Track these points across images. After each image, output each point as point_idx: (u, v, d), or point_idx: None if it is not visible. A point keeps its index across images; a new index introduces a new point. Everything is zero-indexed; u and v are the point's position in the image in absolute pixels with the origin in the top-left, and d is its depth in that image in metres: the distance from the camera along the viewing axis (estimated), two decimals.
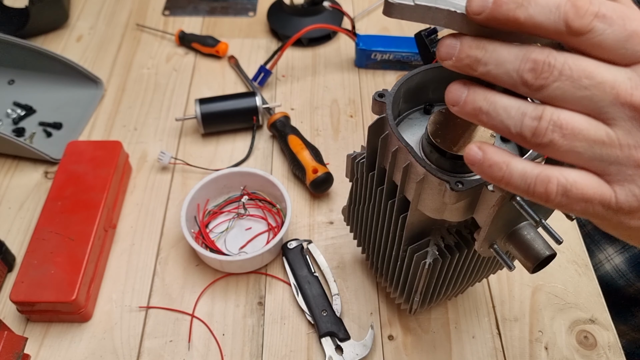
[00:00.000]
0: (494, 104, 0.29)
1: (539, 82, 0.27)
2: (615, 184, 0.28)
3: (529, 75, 0.27)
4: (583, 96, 0.27)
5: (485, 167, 0.30)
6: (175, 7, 0.97)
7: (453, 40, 0.30)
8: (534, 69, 0.27)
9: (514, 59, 0.28)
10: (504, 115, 0.29)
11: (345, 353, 0.57)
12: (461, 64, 0.29)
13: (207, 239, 0.65)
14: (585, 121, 0.27)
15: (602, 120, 0.28)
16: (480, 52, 0.29)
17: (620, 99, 0.27)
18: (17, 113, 0.80)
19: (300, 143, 0.71)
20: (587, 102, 0.27)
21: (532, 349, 0.58)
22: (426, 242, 0.49)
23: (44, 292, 0.57)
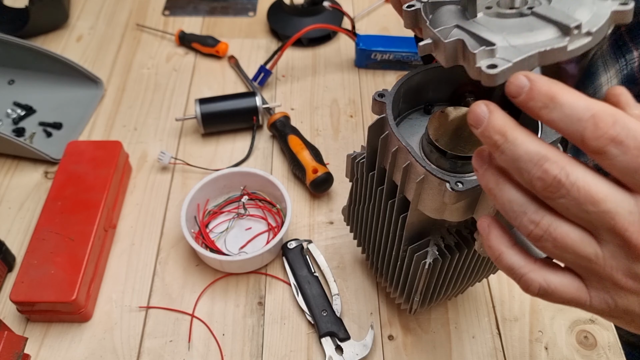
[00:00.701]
0: (502, 191, 0.31)
1: (546, 194, 0.29)
2: (592, 289, 0.31)
3: (538, 183, 0.29)
4: (583, 217, 0.29)
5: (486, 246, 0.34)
6: (175, 7, 0.97)
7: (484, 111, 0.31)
8: (544, 180, 0.29)
9: (528, 159, 0.29)
10: (508, 207, 0.31)
11: (345, 353, 0.57)
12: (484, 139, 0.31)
13: (207, 239, 0.65)
14: (579, 237, 0.30)
15: (595, 237, 0.30)
16: (500, 138, 0.30)
17: (616, 230, 0.29)
18: (17, 113, 0.80)
19: (300, 143, 0.71)
20: (585, 222, 0.29)
21: (532, 349, 0.58)
22: (426, 242, 0.49)
23: (44, 292, 0.57)
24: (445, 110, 0.43)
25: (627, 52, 0.72)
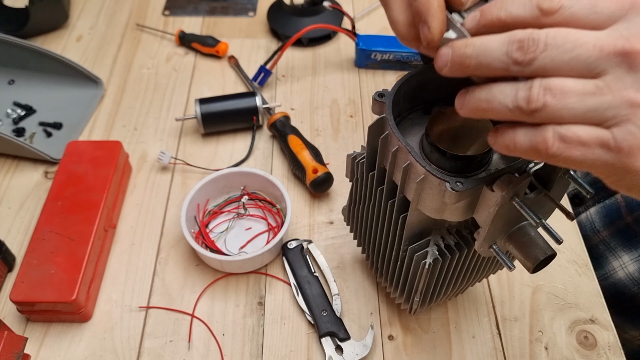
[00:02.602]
0: (490, 88, 0.32)
1: (528, 56, 0.30)
2: (612, 127, 0.29)
3: (517, 54, 0.30)
4: (571, 58, 0.29)
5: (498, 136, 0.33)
6: (175, 7, 0.97)
7: (445, 48, 0.33)
8: (521, 47, 0.30)
9: (500, 44, 0.31)
10: (501, 96, 0.31)
11: (345, 353, 0.57)
12: (455, 66, 0.33)
13: (207, 239, 0.65)
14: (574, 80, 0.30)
15: (592, 77, 0.29)
16: (468, 49, 0.32)
17: (605, 51, 0.29)
18: (17, 113, 0.80)
19: (300, 143, 0.71)
20: (575, 62, 0.29)
21: (532, 349, 0.58)
22: (426, 242, 0.49)
23: (44, 292, 0.57)
24: (445, 110, 0.43)
25: None
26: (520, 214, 0.39)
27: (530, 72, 0.30)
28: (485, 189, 0.39)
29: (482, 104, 0.32)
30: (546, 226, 0.40)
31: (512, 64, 0.30)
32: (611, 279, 0.71)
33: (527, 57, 0.30)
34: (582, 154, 0.30)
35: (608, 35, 0.29)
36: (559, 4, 0.30)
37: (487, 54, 0.31)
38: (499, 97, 0.31)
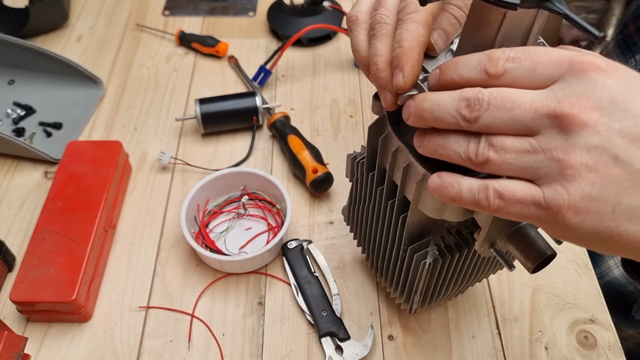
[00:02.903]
0: (447, 137, 0.35)
1: (474, 114, 0.33)
2: (543, 185, 0.31)
3: (465, 111, 0.33)
4: (510, 117, 0.32)
5: (443, 188, 0.36)
6: (175, 7, 0.97)
7: (410, 101, 0.37)
8: (468, 105, 0.33)
9: (451, 101, 0.34)
10: (455, 145, 0.34)
11: (345, 353, 0.57)
12: (417, 118, 0.36)
13: (207, 239, 0.65)
14: (513, 138, 0.32)
15: (529, 135, 0.32)
16: (425, 103, 0.35)
17: (539, 112, 0.31)
18: (17, 113, 0.80)
19: (300, 143, 0.71)
20: (513, 122, 0.32)
21: (532, 349, 0.58)
22: (426, 242, 0.49)
23: (44, 292, 0.57)
24: None
25: (638, 52, 0.71)
26: None
27: (476, 128, 0.33)
28: None
29: (439, 149, 0.35)
30: None
31: (461, 119, 0.33)
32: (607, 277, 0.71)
33: (473, 115, 0.33)
34: (519, 210, 0.32)
35: (544, 97, 0.31)
36: (503, 68, 0.33)
37: (440, 109, 0.34)
38: (453, 146, 0.34)
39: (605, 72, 0.31)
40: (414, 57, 0.37)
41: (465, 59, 0.34)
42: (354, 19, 0.42)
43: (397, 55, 0.37)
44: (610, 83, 0.30)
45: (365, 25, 0.41)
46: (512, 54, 0.33)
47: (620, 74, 0.31)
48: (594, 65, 0.31)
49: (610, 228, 0.31)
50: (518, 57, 0.33)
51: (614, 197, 0.30)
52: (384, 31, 0.39)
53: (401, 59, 0.37)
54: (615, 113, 0.30)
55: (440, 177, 0.36)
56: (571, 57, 0.31)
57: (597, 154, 0.30)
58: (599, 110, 0.30)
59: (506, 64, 0.33)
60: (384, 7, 0.39)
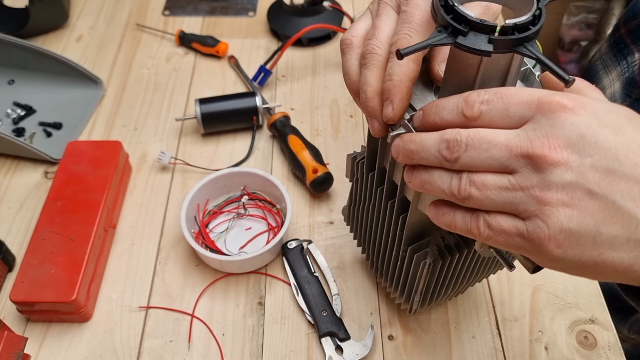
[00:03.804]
0: (432, 174, 0.37)
1: (454, 155, 0.35)
2: (526, 219, 0.33)
3: (446, 152, 0.35)
4: (487, 157, 0.34)
5: (440, 215, 0.38)
6: (175, 7, 0.97)
7: (397, 140, 0.39)
8: (448, 147, 0.35)
9: (434, 143, 0.36)
10: (439, 181, 0.36)
11: (345, 353, 0.57)
12: (405, 157, 0.38)
13: (207, 239, 0.65)
14: (493, 175, 0.34)
15: (506, 172, 0.34)
16: (412, 145, 0.37)
17: (513, 152, 0.33)
18: (17, 113, 0.80)
19: (300, 143, 0.71)
20: (490, 161, 0.34)
21: (532, 349, 0.58)
22: (426, 242, 0.49)
23: (44, 292, 0.57)
24: None
25: (629, 54, 0.72)
26: None
27: (457, 167, 0.35)
28: None
29: (426, 185, 0.38)
30: None
31: (443, 160, 0.35)
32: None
33: (453, 156, 0.35)
34: (506, 240, 0.34)
35: (517, 137, 0.33)
36: (478, 111, 0.35)
37: (424, 150, 0.36)
38: (438, 182, 0.36)
39: (572, 111, 0.32)
40: (404, 91, 0.39)
41: (445, 103, 0.36)
42: (348, 43, 0.43)
43: (387, 87, 0.39)
44: (578, 120, 0.32)
45: (358, 51, 0.43)
46: (486, 97, 0.35)
47: (588, 109, 0.32)
48: (560, 105, 0.32)
49: (593, 257, 0.32)
50: (492, 100, 0.34)
51: (593, 229, 0.32)
52: (374, 62, 0.40)
53: (391, 92, 0.39)
54: (585, 148, 0.31)
55: (436, 205, 0.39)
56: (539, 98, 0.33)
57: (571, 190, 0.32)
58: (570, 148, 0.32)
59: (481, 107, 0.35)
60: (377, 38, 0.41)
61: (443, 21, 0.34)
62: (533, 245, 0.33)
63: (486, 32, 0.33)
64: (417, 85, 0.43)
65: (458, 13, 0.34)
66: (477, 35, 0.33)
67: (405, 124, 0.39)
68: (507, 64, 0.36)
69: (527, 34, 0.33)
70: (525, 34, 0.33)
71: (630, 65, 0.71)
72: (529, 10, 0.34)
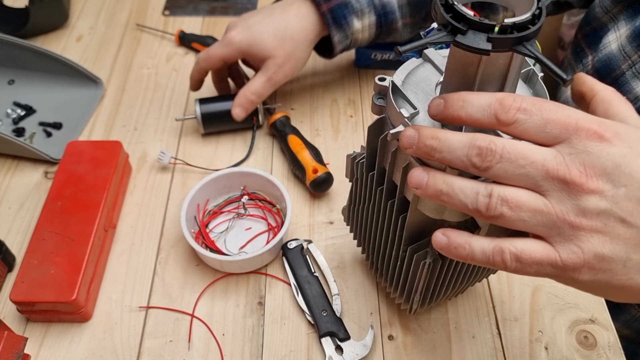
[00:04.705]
0: (452, 185, 0.35)
1: (485, 164, 0.33)
2: (558, 245, 0.33)
3: (476, 160, 0.34)
4: (521, 174, 0.33)
5: (452, 249, 0.36)
6: (175, 7, 0.97)
7: (412, 131, 0.36)
8: (480, 154, 0.33)
9: (462, 146, 0.34)
10: (461, 195, 0.35)
11: (345, 353, 0.57)
12: (420, 152, 0.36)
13: (207, 239, 0.65)
14: (526, 194, 0.33)
15: (538, 192, 0.33)
16: (434, 142, 0.35)
17: (550, 174, 0.33)
18: (17, 113, 0.80)
19: (300, 143, 0.71)
20: (524, 178, 0.33)
21: (532, 349, 0.58)
22: (426, 242, 0.49)
23: (44, 292, 0.57)
24: None
25: (584, 57, 0.76)
26: None
27: (485, 176, 0.34)
28: None
29: (443, 196, 0.35)
30: None
31: (470, 166, 0.34)
32: None
33: (483, 165, 0.33)
34: (536, 270, 0.34)
35: (554, 158, 0.33)
36: (514, 118, 0.33)
37: (449, 151, 0.34)
38: (460, 196, 0.35)
39: (609, 141, 0.33)
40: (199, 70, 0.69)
41: (475, 99, 0.34)
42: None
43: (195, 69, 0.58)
44: (614, 151, 0.33)
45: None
46: (523, 105, 0.33)
47: (623, 139, 0.33)
48: (597, 134, 0.33)
49: (622, 281, 0.33)
50: (529, 110, 0.33)
51: (623, 255, 0.33)
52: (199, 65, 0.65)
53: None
54: (620, 178, 0.32)
55: (446, 236, 0.37)
56: (578, 122, 0.33)
57: (605, 218, 0.32)
58: (605, 177, 0.32)
59: (517, 114, 0.33)
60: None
61: (442, 20, 0.34)
62: (565, 272, 0.34)
63: (485, 30, 0.33)
64: (417, 85, 0.43)
65: (457, 12, 0.34)
66: (476, 34, 0.33)
67: (405, 122, 0.39)
68: (507, 64, 0.36)
69: (526, 33, 0.33)
70: (524, 33, 0.33)
71: (585, 67, 0.75)
72: (528, 9, 0.34)
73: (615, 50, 0.68)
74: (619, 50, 0.67)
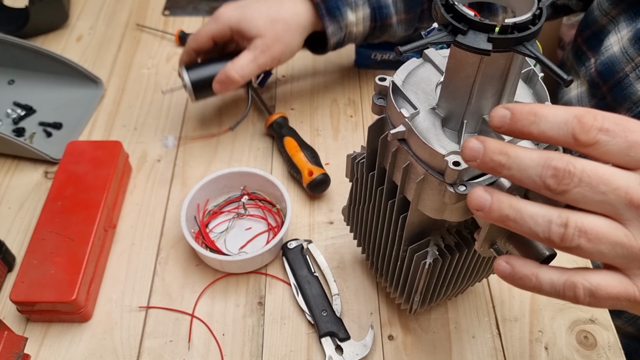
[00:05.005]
0: (520, 212, 0.32)
1: (561, 187, 0.30)
2: (636, 278, 0.31)
3: (551, 181, 0.30)
4: (601, 200, 0.30)
5: (517, 279, 0.33)
6: (175, 7, 0.97)
7: (477, 143, 0.32)
8: (556, 176, 0.30)
9: (535, 165, 0.31)
10: (531, 223, 0.31)
11: (345, 353, 0.57)
12: (486, 167, 0.32)
13: (207, 239, 0.65)
14: (606, 224, 0.31)
15: (618, 221, 0.31)
16: (503, 157, 0.31)
17: (634, 202, 0.30)
18: (17, 113, 0.80)
19: (295, 145, 0.71)
20: (604, 204, 0.30)
21: (532, 349, 0.58)
22: (426, 242, 0.49)
23: (44, 292, 0.57)
24: None
25: (586, 60, 0.76)
26: None
27: (560, 199, 0.31)
28: None
29: (509, 222, 0.32)
30: None
31: (543, 187, 0.31)
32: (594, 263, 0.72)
33: (559, 188, 0.30)
34: (612, 304, 0.32)
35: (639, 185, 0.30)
36: (595, 139, 0.30)
37: (520, 169, 0.31)
38: (529, 223, 0.31)
39: None
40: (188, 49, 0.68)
41: (548, 113, 0.31)
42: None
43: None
44: None
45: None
46: (605, 125, 0.30)
47: None
48: None
49: None
50: (612, 131, 0.30)
51: None
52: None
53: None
54: None
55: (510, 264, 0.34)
56: None
57: None
58: None
59: (599, 135, 0.30)
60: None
61: (443, 20, 0.34)
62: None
63: (485, 30, 0.33)
64: (418, 85, 0.43)
65: (458, 12, 0.34)
66: (476, 34, 0.33)
67: (405, 122, 0.39)
68: (507, 64, 0.36)
69: (526, 33, 0.33)
70: (525, 33, 0.33)
71: (588, 70, 0.74)
72: (529, 9, 0.34)
73: (617, 53, 0.68)
74: (622, 53, 0.67)
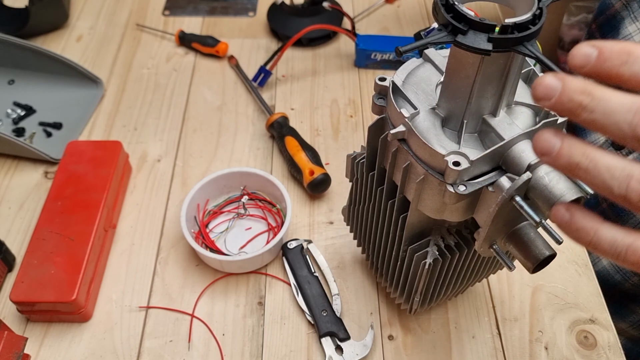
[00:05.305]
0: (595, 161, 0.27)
1: None
2: None
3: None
4: None
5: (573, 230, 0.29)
6: (175, 7, 0.97)
7: (554, 80, 0.28)
8: None
9: (626, 110, 0.26)
10: (607, 175, 0.27)
11: (345, 353, 0.57)
12: (562, 107, 0.27)
13: (207, 239, 0.65)
14: None
15: None
16: (585, 98, 0.27)
17: None
18: (17, 113, 0.80)
19: (296, 145, 0.71)
20: None
21: (532, 349, 0.58)
22: (426, 242, 0.49)
23: (44, 292, 0.57)
24: None
25: None
26: (520, 214, 0.39)
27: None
28: (486, 189, 0.39)
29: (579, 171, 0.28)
30: (546, 226, 0.40)
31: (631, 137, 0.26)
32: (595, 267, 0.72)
33: None
34: None
35: None
36: None
37: (605, 114, 0.26)
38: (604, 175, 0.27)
39: None
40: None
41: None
42: None
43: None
44: None
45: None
46: None
47: None
48: None
49: None
50: None
51: None
52: None
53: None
54: None
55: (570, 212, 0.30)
56: None
57: None
58: None
59: None
60: None
61: (443, 20, 0.34)
62: None
63: (486, 30, 0.33)
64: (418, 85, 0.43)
65: (458, 12, 0.34)
66: (476, 34, 0.33)
67: (405, 122, 0.39)
68: (507, 64, 0.36)
69: (526, 33, 0.33)
70: (525, 33, 0.33)
71: None
72: (529, 9, 0.34)
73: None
74: None
